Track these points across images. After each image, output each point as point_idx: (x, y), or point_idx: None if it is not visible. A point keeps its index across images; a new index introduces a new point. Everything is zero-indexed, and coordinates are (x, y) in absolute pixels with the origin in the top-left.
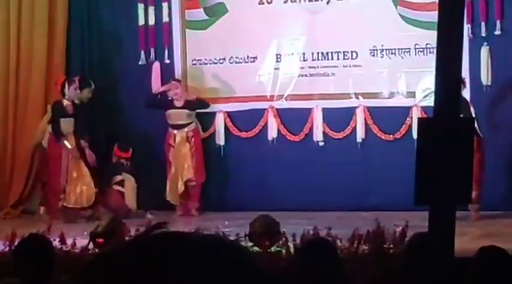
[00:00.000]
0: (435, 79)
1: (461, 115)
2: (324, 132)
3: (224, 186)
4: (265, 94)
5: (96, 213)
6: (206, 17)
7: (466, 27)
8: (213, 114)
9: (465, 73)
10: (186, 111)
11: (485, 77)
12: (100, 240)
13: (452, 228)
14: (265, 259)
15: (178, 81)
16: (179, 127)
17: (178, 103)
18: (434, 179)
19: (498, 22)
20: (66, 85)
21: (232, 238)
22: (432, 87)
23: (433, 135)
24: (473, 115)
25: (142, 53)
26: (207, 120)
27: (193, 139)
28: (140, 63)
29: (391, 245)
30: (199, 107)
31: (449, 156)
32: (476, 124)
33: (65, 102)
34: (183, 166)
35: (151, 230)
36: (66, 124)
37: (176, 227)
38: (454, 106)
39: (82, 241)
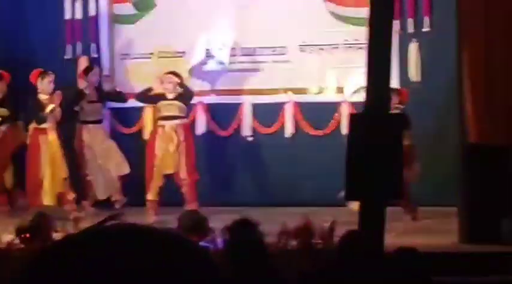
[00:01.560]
0: (366, 76)
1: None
2: (253, 127)
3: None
4: (194, 89)
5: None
6: (135, 11)
7: (395, 23)
8: (141, 108)
9: (394, 69)
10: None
11: (414, 73)
12: (26, 235)
13: (383, 223)
14: None
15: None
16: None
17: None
18: (365, 175)
19: (426, 18)
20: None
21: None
22: (361, 83)
23: (364, 131)
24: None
25: (69, 46)
26: (135, 115)
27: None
28: (66, 57)
29: (320, 241)
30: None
31: (380, 152)
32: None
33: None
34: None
35: (104, 222)
36: None
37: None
38: (384, 102)
39: (8, 236)
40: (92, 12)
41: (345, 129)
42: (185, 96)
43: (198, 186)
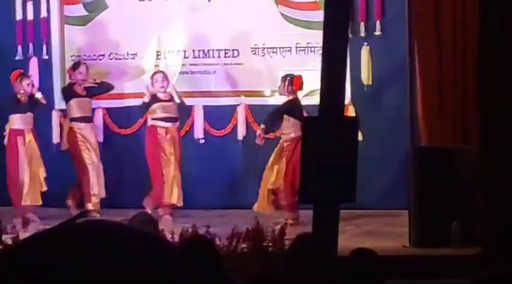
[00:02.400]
0: (321, 79)
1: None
2: (204, 129)
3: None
4: (145, 92)
5: None
6: (86, 13)
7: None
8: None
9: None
10: None
11: (366, 77)
12: None
13: (336, 226)
14: None
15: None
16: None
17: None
18: (319, 177)
19: (378, 22)
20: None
21: None
22: (313, 86)
23: (318, 134)
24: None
25: (20, 48)
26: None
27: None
28: (17, 58)
29: (270, 244)
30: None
31: (333, 155)
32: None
33: None
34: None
35: (74, 219)
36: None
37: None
38: (339, 105)
39: None
40: (43, 13)
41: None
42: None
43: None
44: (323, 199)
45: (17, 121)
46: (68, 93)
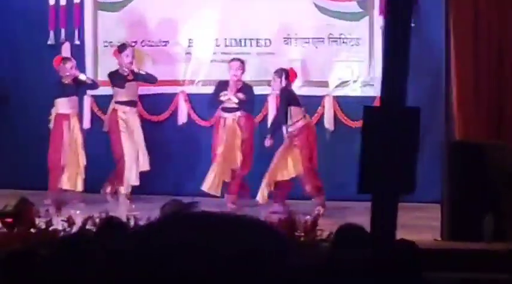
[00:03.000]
0: (383, 68)
1: None
2: None
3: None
4: (176, 79)
5: None
6: None
7: (379, 19)
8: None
9: (378, 64)
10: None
11: None
12: (8, 220)
13: (395, 218)
14: None
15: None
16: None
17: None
18: (378, 168)
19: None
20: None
21: (142, 222)
22: (345, 77)
23: (379, 124)
24: None
25: (52, 33)
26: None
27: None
28: (49, 43)
29: (302, 234)
30: None
31: (394, 145)
32: None
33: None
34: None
35: (180, 209)
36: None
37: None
38: (401, 95)
39: None
40: None
41: (328, 123)
42: None
43: (178, 175)
44: (383, 190)
45: (63, 105)
46: (116, 77)
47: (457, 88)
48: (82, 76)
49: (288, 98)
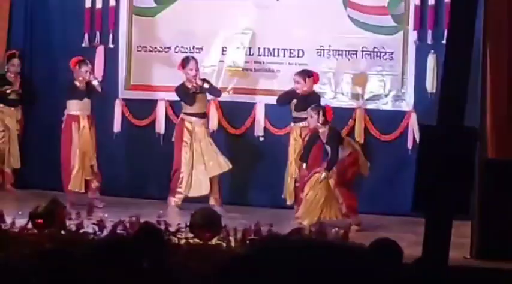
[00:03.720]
0: (442, 85)
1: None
2: (265, 128)
3: (161, 174)
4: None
5: None
6: (155, 5)
7: (413, 34)
8: (155, 101)
9: (410, 79)
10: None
11: (431, 84)
12: (39, 221)
13: (449, 237)
14: (204, 251)
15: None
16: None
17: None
18: (433, 187)
19: (446, 30)
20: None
21: (173, 228)
22: (377, 91)
23: (435, 142)
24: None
25: (86, 35)
26: (147, 108)
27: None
28: (83, 45)
29: None
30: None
31: (450, 165)
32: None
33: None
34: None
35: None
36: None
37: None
38: (459, 114)
39: (21, 221)
40: (112, 2)
41: (358, 135)
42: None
43: None
44: (437, 210)
45: (73, 106)
46: (183, 92)
47: (490, 107)
48: (95, 82)
49: (335, 138)
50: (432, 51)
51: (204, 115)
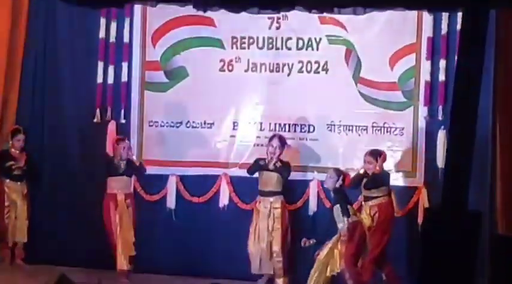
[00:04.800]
0: (445, 167)
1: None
2: None
3: (172, 249)
4: (219, 161)
5: None
6: (166, 80)
7: (424, 110)
8: (166, 176)
9: (421, 155)
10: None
11: (441, 160)
12: None
13: None
14: None
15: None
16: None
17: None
18: (437, 269)
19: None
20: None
21: None
22: (386, 166)
23: (439, 226)
24: None
25: (98, 110)
26: (158, 183)
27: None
28: (95, 120)
29: None
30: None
31: (453, 247)
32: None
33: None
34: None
35: None
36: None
37: None
38: (463, 198)
39: None
40: (124, 78)
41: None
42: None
43: (215, 257)
44: None
45: (111, 184)
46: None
47: (501, 182)
48: (134, 158)
49: (342, 198)
50: (442, 127)
51: None
